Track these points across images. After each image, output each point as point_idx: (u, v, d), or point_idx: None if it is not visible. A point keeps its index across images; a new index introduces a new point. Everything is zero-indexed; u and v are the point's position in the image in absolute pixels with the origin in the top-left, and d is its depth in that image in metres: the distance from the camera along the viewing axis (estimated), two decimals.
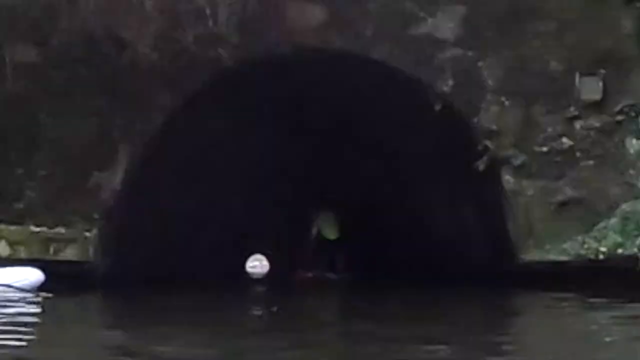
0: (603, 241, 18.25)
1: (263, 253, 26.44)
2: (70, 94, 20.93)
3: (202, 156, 26.73)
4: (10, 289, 15.36)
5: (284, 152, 28.92)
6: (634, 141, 17.67)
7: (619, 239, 17.67)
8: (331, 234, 28.24)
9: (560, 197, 21.30)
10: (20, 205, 20.74)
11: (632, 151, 17.75)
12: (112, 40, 19.78)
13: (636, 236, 17.02)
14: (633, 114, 20.58)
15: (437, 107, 22.14)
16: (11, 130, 20.99)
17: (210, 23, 19.36)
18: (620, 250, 17.44)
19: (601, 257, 18.26)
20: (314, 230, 28.78)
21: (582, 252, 19.06)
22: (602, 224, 19.55)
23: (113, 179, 21.68)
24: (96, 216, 21.38)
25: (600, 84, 21.27)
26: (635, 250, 16.85)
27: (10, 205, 20.53)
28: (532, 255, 21.03)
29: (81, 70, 21.05)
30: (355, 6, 22.23)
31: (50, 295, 15.75)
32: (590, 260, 18.74)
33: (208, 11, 19.16)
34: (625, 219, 17.80)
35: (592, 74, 21.35)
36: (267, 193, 29.66)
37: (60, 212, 21.05)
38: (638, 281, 16.44)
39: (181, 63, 20.55)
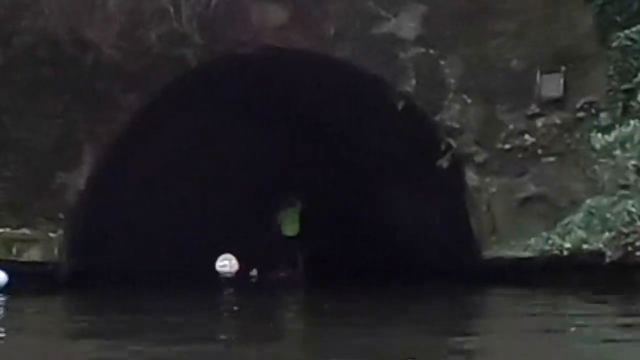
0: (567, 237, 17.84)
1: (232, 252, 25.80)
2: (34, 95, 20.50)
3: (168, 156, 26.40)
4: None
5: (247, 150, 28.63)
6: (599, 136, 16.70)
7: (584, 235, 17.23)
8: (291, 230, 27.23)
9: (523, 194, 21.22)
10: None
11: (597, 146, 17.06)
12: (76, 40, 19.41)
13: (601, 232, 16.47)
14: (593, 110, 20.42)
15: (400, 106, 21.88)
16: None
17: (174, 23, 18.92)
18: (585, 246, 16.94)
19: (565, 253, 17.78)
20: (275, 227, 27.86)
21: (547, 248, 18.63)
22: (565, 220, 19.17)
23: (78, 180, 21.24)
24: (61, 217, 20.93)
25: (561, 81, 21.22)
26: (601, 245, 16.29)
27: None
28: (495, 251, 20.80)
29: (45, 71, 20.64)
30: (317, 6, 21.88)
31: (6, 297, 15.42)
32: (554, 256, 18.27)
33: (171, 10, 18.81)
34: (589, 214, 17.37)
35: (552, 71, 21.25)
36: (232, 192, 28.95)
37: (25, 213, 20.64)
38: (603, 277, 16.25)
39: (145, 63, 20.17)
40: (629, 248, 15.61)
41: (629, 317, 11.71)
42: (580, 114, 20.86)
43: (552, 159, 21.11)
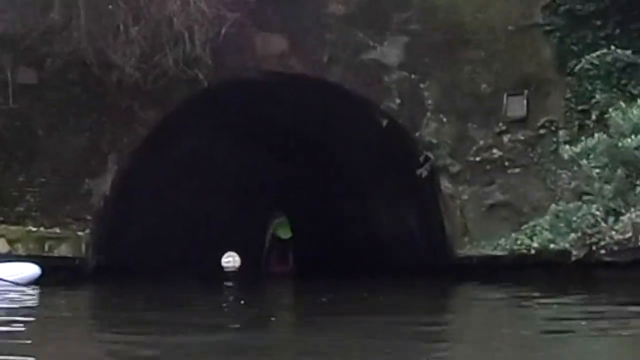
0: (535, 238, 17.06)
1: (235, 250, 25.10)
2: (64, 111, 19.72)
3: (182, 165, 25.66)
4: (7, 283, 13.65)
5: (248, 163, 28.06)
6: (567, 147, 15.90)
7: (550, 236, 16.39)
8: (284, 234, 26.26)
9: (490, 201, 20.43)
10: (21, 209, 19.41)
11: (566, 157, 16.36)
12: (102, 62, 18.32)
13: (567, 233, 15.58)
14: (553, 128, 19.95)
15: (384, 123, 21.08)
16: (13, 144, 19.69)
17: (188, 47, 17.81)
18: (552, 246, 16.08)
19: (533, 252, 16.96)
20: (270, 231, 26.90)
21: (515, 247, 17.83)
22: (532, 223, 18.38)
23: (103, 185, 20.30)
24: (88, 218, 19.93)
25: (525, 103, 20.56)
26: (567, 245, 15.39)
27: (12, 209, 19.17)
28: (467, 250, 20.02)
29: (74, 90, 19.79)
30: (312, 36, 21.15)
31: (39, 289, 14.20)
32: (522, 254, 17.44)
33: (186, 36, 17.85)
34: (556, 217, 16.57)
35: (517, 94, 20.60)
36: (235, 199, 28.46)
37: (56, 214, 19.63)
38: (569, 274, 15.39)
39: (163, 83, 19.06)
40: (593, 247, 14.63)
41: (590, 306, 11.04)
42: (542, 131, 20.24)
43: (516, 170, 20.36)
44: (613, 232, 14.02)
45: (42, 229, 18.88)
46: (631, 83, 18.82)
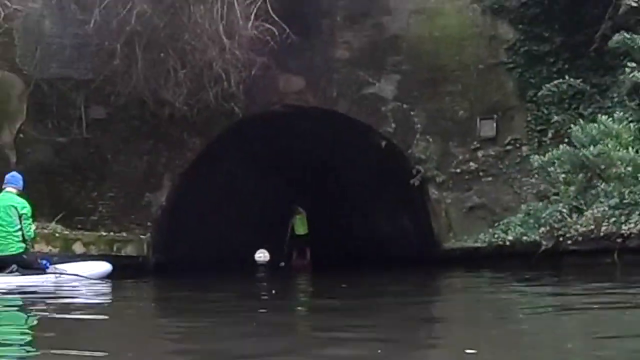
0: (509, 232, 16.53)
1: (265, 247, 24.62)
2: (128, 140, 19.32)
3: (222, 183, 25.14)
4: (83, 278, 12.99)
5: (273, 178, 27.82)
6: (537, 157, 15.58)
7: (522, 230, 15.92)
8: (301, 230, 25.58)
9: (469, 204, 19.94)
10: (95, 218, 19.14)
11: (536, 164, 15.82)
12: (156, 99, 17.96)
13: (537, 227, 15.10)
14: (517, 145, 19.69)
15: (383, 144, 20.71)
16: (88, 167, 19.42)
17: (225, 86, 17.41)
18: (524, 238, 15.50)
19: (508, 243, 16.41)
20: (290, 228, 26.16)
21: (493, 240, 17.30)
22: (505, 220, 17.95)
23: (160, 198, 19.93)
24: (148, 224, 19.61)
25: (494, 125, 20.07)
26: (537, 237, 14.85)
27: (88, 218, 18.97)
28: (452, 244, 19.64)
29: (135, 122, 19.37)
30: (324, 76, 20.64)
31: (110, 282, 13.66)
32: (498, 246, 16.92)
33: (224, 77, 17.23)
34: (527, 215, 16.11)
35: (488, 118, 20.11)
36: (264, 207, 28.03)
37: (123, 221, 19.39)
38: (540, 262, 14.65)
39: (206, 115, 18.80)
40: (560, 238, 14.03)
41: (559, 287, 11.09)
42: (508, 148, 19.84)
43: (489, 179, 19.89)
44: (577, 226, 13.44)
45: (111, 233, 18.44)
46: (580, 106, 18.39)
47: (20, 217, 12.01)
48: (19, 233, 12.01)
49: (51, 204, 18.17)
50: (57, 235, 16.12)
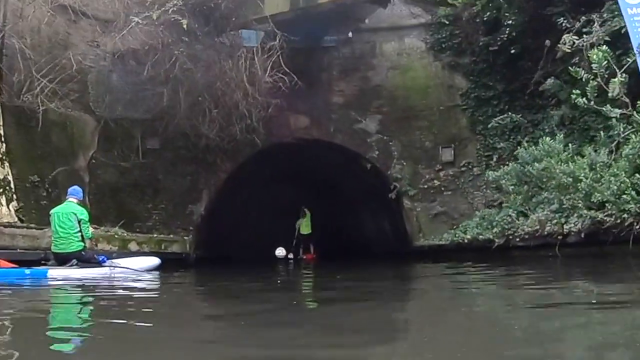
0: (467, 232, 15.25)
1: (282, 245, 23.56)
2: (175, 164, 18.19)
3: (247, 196, 24.25)
4: (134, 270, 11.71)
5: (286, 192, 26.50)
6: (492, 172, 14.34)
7: (478, 230, 14.62)
8: (306, 230, 24.26)
9: (434, 211, 18.82)
10: (149, 224, 17.84)
11: (490, 178, 14.53)
12: (195, 133, 16.93)
13: (491, 229, 13.88)
14: (470, 167, 18.68)
15: (369, 167, 19.73)
16: (144, 185, 18.25)
17: (248, 121, 16.38)
18: (480, 237, 14.23)
19: (466, 241, 15.12)
20: (297, 229, 24.92)
21: (454, 238, 16.02)
22: (464, 224, 16.61)
23: (200, 209, 18.77)
24: (191, 228, 18.40)
25: (452, 152, 19.00)
26: (491, 236, 13.58)
27: (144, 224, 17.70)
28: (421, 242, 18.64)
29: (180, 151, 18.31)
30: (324, 116, 19.63)
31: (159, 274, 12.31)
32: (459, 243, 15.61)
33: (247, 115, 16.26)
34: (482, 219, 14.90)
35: (447, 147, 19.04)
36: (282, 215, 26.25)
37: (171, 226, 18.15)
38: (491, 256, 13.34)
39: (234, 145, 17.86)
40: (510, 237, 12.87)
41: (510, 277, 9.95)
42: (463, 169, 18.80)
43: (449, 192, 18.79)
44: (524, 226, 12.22)
45: (161, 235, 17.12)
46: (518, 136, 17.12)
47: (79, 221, 10.84)
48: (79, 234, 10.87)
49: (116, 214, 16.92)
50: (116, 236, 14.72)
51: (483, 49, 18.39)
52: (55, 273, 9.89)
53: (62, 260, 10.57)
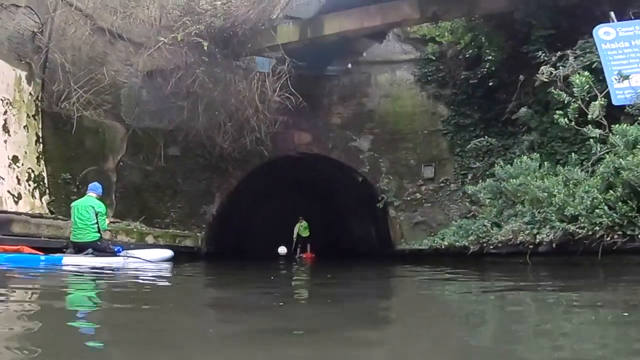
0: (445, 239, 14.02)
1: (283, 244, 22.47)
2: (193, 169, 17.10)
3: (254, 201, 23.55)
4: (146, 261, 10.66)
5: (289, 200, 26.05)
6: (471, 187, 13.43)
7: (455, 238, 13.46)
8: (305, 233, 23.14)
9: (415, 220, 17.99)
10: (167, 221, 16.77)
11: (469, 192, 13.45)
12: (211, 143, 16.00)
13: (466, 237, 12.71)
14: (448, 183, 17.91)
15: (360, 180, 18.80)
16: (165, 187, 17.18)
17: (258, 134, 15.41)
18: (457, 244, 13.01)
19: (444, 247, 13.90)
20: (296, 231, 23.72)
21: (433, 244, 14.83)
22: (441, 232, 15.57)
23: (212, 209, 17.70)
24: (203, 226, 17.36)
25: (433, 169, 18.17)
26: (466, 243, 12.40)
27: (163, 220, 16.64)
28: (403, 246, 17.56)
29: (198, 158, 17.29)
30: (324, 134, 18.74)
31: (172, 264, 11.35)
32: (437, 248, 14.40)
33: (257, 129, 15.28)
34: (459, 228, 13.75)
35: (429, 165, 18.23)
36: (283, 218, 25.31)
37: (186, 224, 17.08)
38: (467, 260, 12.13)
39: (244, 155, 16.80)
40: (484, 244, 11.66)
41: (484, 282, 8.58)
42: (441, 184, 18.01)
43: (428, 204, 17.99)
44: (498, 236, 11.07)
45: (176, 230, 16.02)
46: (492, 158, 16.41)
47: (96, 214, 9.83)
48: (95, 226, 9.83)
49: (138, 210, 15.93)
50: (135, 230, 13.66)
51: (464, 82, 17.81)
52: (70, 260, 8.87)
53: (80, 248, 9.60)
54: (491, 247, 11.30)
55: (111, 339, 3.17)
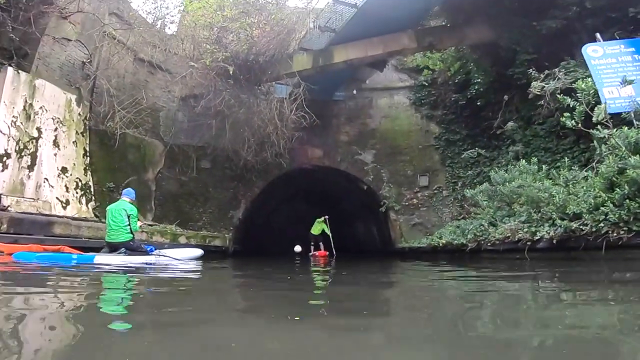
0: (443, 238, 12.57)
1: (299, 243, 20.93)
2: (222, 179, 15.80)
3: (274, 206, 22.17)
4: (177, 260, 9.13)
5: (303, 206, 24.17)
6: (469, 190, 11.82)
7: (452, 237, 12.05)
8: (316, 232, 21.58)
9: (412, 222, 16.40)
10: (199, 224, 15.40)
11: (468, 195, 11.79)
12: (236, 155, 14.69)
13: (462, 236, 11.42)
14: (440, 190, 16.43)
15: (365, 188, 17.26)
16: (198, 194, 15.82)
17: (277, 149, 14.15)
18: (454, 242, 11.56)
19: (441, 245, 12.43)
20: (311, 233, 22.21)
21: (430, 242, 13.39)
22: (439, 231, 14.10)
23: (238, 214, 16.21)
24: (231, 228, 15.84)
25: (427, 179, 16.72)
26: (463, 241, 11.06)
27: (195, 224, 15.28)
28: (402, 244, 15.90)
29: (226, 170, 15.95)
30: (333, 149, 17.29)
31: (202, 262, 9.82)
32: (434, 246, 12.95)
33: (276, 143, 14.04)
34: (457, 227, 12.46)
35: (424, 175, 16.77)
36: (298, 220, 23.39)
37: (216, 226, 15.61)
38: (465, 256, 10.90)
39: (265, 166, 15.59)
40: (482, 242, 10.37)
41: (480, 273, 7.30)
42: (435, 191, 16.52)
43: (424, 209, 16.47)
44: (496, 234, 9.72)
45: (207, 232, 14.62)
46: (478, 168, 15.32)
47: (128, 216, 8.50)
48: (127, 227, 8.51)
49: (174, 215, 14.57)
50: (169, 231, 12.27)
51: (453, 103, 16.79)
52: (102, 259, 7.58)
53: (113, 248, 8.32)
54: (489, 244, 9.96)
55: (155, 309, 3.32)
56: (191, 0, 14.83)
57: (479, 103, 14.88)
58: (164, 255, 8.74)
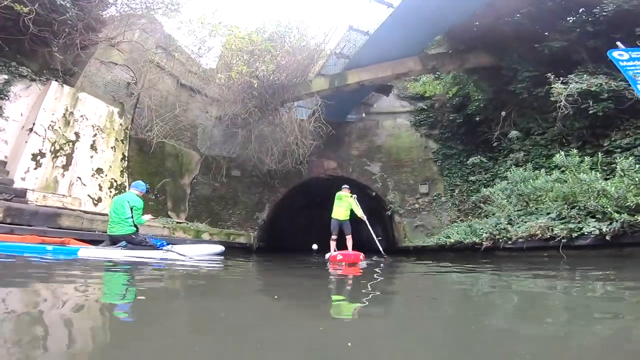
0: (451, 237, 9.61)
1: (315, 242, 18.02)
2: (249, 185, 13.35)
3: (295, 210, 19.13)
4: (187, 257, 6.29)
5: (319, 210, 20.33)
6: (486, 188, 9.13)
7: (463, 236, 9.07)
8: (342, 216, 18.05)
9: (415, 224, 13.41)
10: (229, 223, 12.75)
11: (487, 193, 8.81)
12: (261, 163, 12.07)
13: (471, 235, 8.59)
14: (439, 196, 13.38)
15: (373, 194, 14.36)
16: (228, 198, 13.24)
17: (296, 156, 11.63)
18: (466, 240, 8.64)
19: (449, 243, 9.53)
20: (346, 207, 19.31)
21: (439, 242, 10.30)
22: (445, 231, 11.17)
23: (263, 216, 13.50)
24: (256, 227, 13.09)
25: (427, 187, 13.79)
26: (477, 240, 8.09)
27: (225, 223, 12.62)
28: (405, 244, 12.93)
29: (253, 178, 13.36)
30: (346, 162, 14.54)
31: (223, 258, 7.30)
32: (441, 245, 10.04)
33: (297, 152, 11.62)
34: (468, 227, 9.40)
35: (424, 184, 13.85)
36: (313, 223, 20.62)
37: (243, 226, 12.90)
38: (473, 256, 7.99)
39: (287, 174, 13.10)
40: (498, 240, 7.48)
41: (496, 275, 4.63)
42: (434, 198, 13.54)
43: (425, 212, 13.52)
44: (518, 232, 6.95)
45: (234, 231, 11.81)
46: (477, 174, 12.42)
47: (131, 208, 5.77)
48: (130, 220, 5.84)
49: (207, 215, 11.90)
50: (191, 228, 9.49)
51: (449, 123, 14.00)
52: (86, 253, 4.92)
53: (114, 241, 5.70)
54: (509, 242, 7.03)
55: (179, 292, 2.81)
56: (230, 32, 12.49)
57: (477, 119, 12.11)
58: (173, 251, 6.03)
